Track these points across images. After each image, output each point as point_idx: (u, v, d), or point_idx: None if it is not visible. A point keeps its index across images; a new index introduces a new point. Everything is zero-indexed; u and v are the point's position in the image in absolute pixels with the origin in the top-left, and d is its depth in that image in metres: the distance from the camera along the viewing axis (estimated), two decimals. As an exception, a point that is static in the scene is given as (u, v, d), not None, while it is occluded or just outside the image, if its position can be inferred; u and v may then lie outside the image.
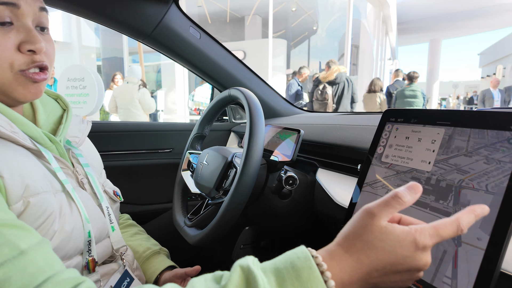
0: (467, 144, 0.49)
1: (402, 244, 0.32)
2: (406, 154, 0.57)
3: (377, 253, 0.33)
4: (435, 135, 0.54)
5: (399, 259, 0.32)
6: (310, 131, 0.93)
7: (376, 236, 0.33)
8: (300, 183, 0.83)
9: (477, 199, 0.44)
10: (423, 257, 0.33)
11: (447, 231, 0.34)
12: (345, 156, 0.79)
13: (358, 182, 0.62)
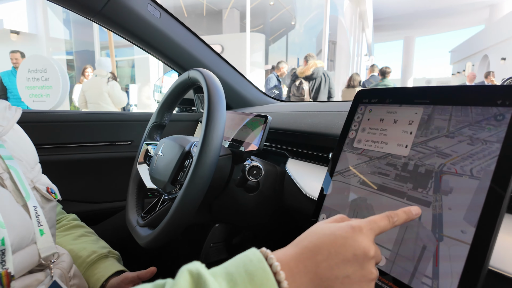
0: (449, 124, 0.43)
1: (340, 227, 0.33)
2: (381, 138, 0.51)
3: (318, 237, 0.33)
4: (413, 115, 0.48)
5: (339, 239, 0.32)
6: (280, 119, 0.86)
7: (317, 227, 0.35)
8: (268, 175, 0.76)
9: (461, 185, 0.38)
10: (362, 238, 0.32)
11: (381, 219, 0.35)
12: (316, 144, 0.72)
13: (330, 169, 0.56)
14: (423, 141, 0.45)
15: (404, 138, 0.47)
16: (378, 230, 0.34)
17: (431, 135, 0.44)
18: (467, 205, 0.37)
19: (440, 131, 0.43)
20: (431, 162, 0.43)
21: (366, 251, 0.32)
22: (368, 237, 0.33)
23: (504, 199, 0.34)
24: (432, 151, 0.43)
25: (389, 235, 0.43)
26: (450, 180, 0.40)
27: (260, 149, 0.68)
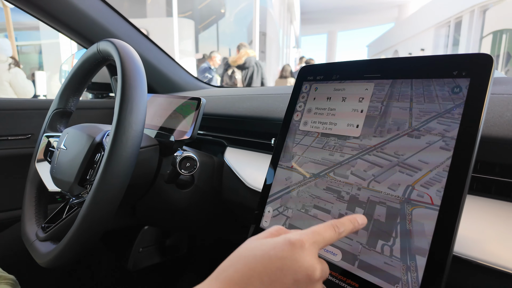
0: (398, 97, 0.39)
1: (275, 245, 0.26)
2: (329, 118, 0.45)
3: (247, 262, 0.25)
4: (363, 91, 0.43)
5: (274, 262, 0.25)
6: (215, 103, 0.77)
7: (246, 247, 0.27)
8: (204, 167, 0.67)
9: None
10: (304, 257, 0.26)
11: (325, 229, 0.29)
12: (257, 130, 0.65)
13: (272, 159, 0.49)
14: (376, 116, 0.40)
15: (355, 117, 0.43)
16: (322, 243, 0.29)
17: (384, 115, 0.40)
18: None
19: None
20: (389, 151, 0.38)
21: (310, 274, 0.26)
22: (311, 253, 0.27)
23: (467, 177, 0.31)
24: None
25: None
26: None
27: (193, 138, 0.58)
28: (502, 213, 0.37)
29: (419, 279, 0.31)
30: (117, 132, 0.43)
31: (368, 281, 0.35)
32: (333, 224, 0.30)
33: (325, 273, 0.29)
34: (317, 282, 0.26)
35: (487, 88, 0.32)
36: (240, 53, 4.09)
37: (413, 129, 0.37)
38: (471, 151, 0.31)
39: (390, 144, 0.38)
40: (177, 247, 1.07)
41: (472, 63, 0.34)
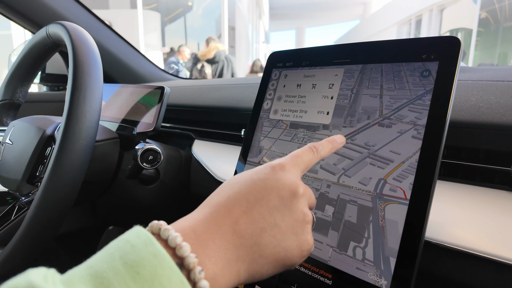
0: (370, 83, 0.38)
1: (257, 171, 0.27)
2: (299, 106, 0.44)
3: (232, 187, 0.26)
4: (333, 77, 0.42)
5: (258, 183, 0.26)
6: (182, 94, 0.73)
7: (230, 179, 0.28)
8: (170, 161, 0.63)
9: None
10: (286, 176, 0.27)
11: (304, 152, 0.30)
12: (226, 121, 0.63)
13: (242, 151, 0.47)
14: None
15: (325, 104, 0.42)
16: (303, 165, 0.29)
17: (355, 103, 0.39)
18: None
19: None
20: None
21: (293, 189, 0.26)
22: (293, 173, 0.27)
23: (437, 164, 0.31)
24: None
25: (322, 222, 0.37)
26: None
27: (157, 130, 0.55)
28: (469, 197, 0.37)
29: (391, 274, 0.31)
30: (68, 123, 0.39)
31: (341, 270, 0.34)
32: (311, 146, 0.31)
33: (310, 195, 0.29)
34: (301, 197, 0.27)
35: (455, 71, 0.32)
36: (209, 46, 4.01)
37: (384, 117, 0.36)
38: (441, 136, 0.31)
39: (361, 134, 0.37)
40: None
41: (440, 46, 0.34)
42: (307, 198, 0.28)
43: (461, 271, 0.34)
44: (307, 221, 0.27)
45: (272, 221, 0.25)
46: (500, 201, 0.35)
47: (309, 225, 0.27)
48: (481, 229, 0.34)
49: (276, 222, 0.25)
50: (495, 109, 0.37)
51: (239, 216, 0.24)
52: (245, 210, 0.24)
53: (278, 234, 0.25)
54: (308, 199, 0.28)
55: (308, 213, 0.27)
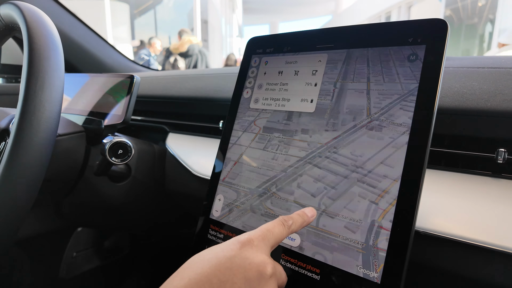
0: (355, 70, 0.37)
1: (224, 247, 0.26)
2: (281, 94, 0.42)
3: (195, 269, 0.24)
4: (316, 63, 0.40)
5: (223, 262, 0.24)
6: (154, 85, 0.69)
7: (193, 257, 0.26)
8: (143, 156, 0.59)
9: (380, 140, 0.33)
10: (253, 254, 0.25)
11: (274, 226, 0.29)
12: (203, 113, 0.59)
13: (221, 143, 0.44)
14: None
15: (309, 91, 0.40)
16: (273, 240, 0.28)
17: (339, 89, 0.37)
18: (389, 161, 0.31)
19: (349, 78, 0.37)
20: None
21: (261, 270, 0.24)
22: (262, 250, 0.26)
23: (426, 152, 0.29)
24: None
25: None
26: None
27: (126, 122, 0.50)
28: (454, 184, 0.37)
29: (382, 263, 0.30)
30: (24, 114, 0.34)
31: (330, 265, 0.32)
32: (281, 220, 0.30)
33: (280, 273, 0.28)
34: (270, 279, 0.25)
35: (443, 54, 0.31)
36: (182, 39, 3.90)
37: (372, 119, 0.33)
38: (430, 122, 0.30)
39: (346, 140, 0.34)
40: (118, 248, 0.97)
41: (427, 29, 0.33)
42: (276, 278, 0.26)
43: (449, 259, 0.34)
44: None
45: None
46: (484, 187, 0.35)
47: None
48: (467, 217, 0.34)
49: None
50: (479, 95, 0.37)
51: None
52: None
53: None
54: (277, 278, 0.27)
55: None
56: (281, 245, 0.35)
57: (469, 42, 7.07)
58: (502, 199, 0.34)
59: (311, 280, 0.33)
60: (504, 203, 0.33)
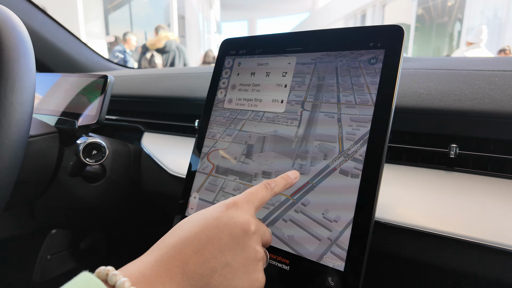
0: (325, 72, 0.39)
1: (211, 209, 0.28)
2: (254, 95, 0.43)
3: (184, 228, 0.26)
4: (286, 65, 0.42)
5: (210, 221, 0.26)
6: (129, 84, 0.69)
7: (184, 219, 0.28)
8: (118, 156, 0.59)
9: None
10: (238, 213, 0.27)
11: (258, 189, 0.31)
12: (178, 112, 0.60)
13: (197, 142, 0.45)
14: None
15: (279, 92, 0.41)
16: (257, 202, 0.30)
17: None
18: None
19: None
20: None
21: (245, 227, 0.27)
22: (246, 211, 0.28)
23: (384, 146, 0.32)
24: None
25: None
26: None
27: (101, 122, 0.51)
28: (412, 178, 0.40)
29: (345, 252, 0.32)
30: (-8, 116, 0.34)
31: (299, 256, 0.34)
32: (265, 183, 0.31)
33: (265, 232, 0.30)
34: (253, 235, 0.27)
35: (400, 57, 0.33)
36: (159, 35, 3.83)
37: (347, 157, 0.34)
38: (388, 119, 0.32)
39: (316, 190, 0.34)
40: (94, 249, 0.96)
41: (385, 34, 0.35)
42: (260, 235, 0.28)
43: (407, 246, 0.37)
44: (258, 259, 0.27)
45: (223, 261, 0.25)
46: (439, 180, 0.38)
47: (261, 263, 0.28)
48: (423, 207, 0.37)
49: (228, 262, 0.25)
50: (434, 95, 0.40)
51: (190, 257, 0.24)
52: (196, 250, 0.24)
53: (229, 273, 0.25)
54: (261, 236, 0.29)
55: (260, 251, 0.27)
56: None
57: (439, 40, 7.36)
58: (455, 190, 0.37)
59: (282, 270, 0.35)
60: (456, 194, 0.37)
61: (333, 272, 0.32)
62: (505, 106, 0.35)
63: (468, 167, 0.39)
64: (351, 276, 0.31)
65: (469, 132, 0.38)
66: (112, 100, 0.69)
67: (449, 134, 0.39)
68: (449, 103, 0.38)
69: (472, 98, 0.38)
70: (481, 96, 0.37)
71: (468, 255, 0.34)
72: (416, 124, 0.40)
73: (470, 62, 0.45)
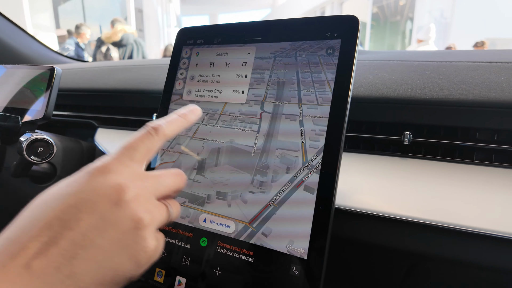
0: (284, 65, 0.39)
1: (72, 182, 0.22)
2: (214, 86, 0.42)
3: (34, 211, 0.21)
4: (245, 55, 0.41)
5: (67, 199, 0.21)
6: (80, 77, 0.64)
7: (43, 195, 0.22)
8: (70, 154, 0.55)
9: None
10: (106, 181, 0.21)
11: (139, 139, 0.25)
12: (134, 106, 0.57)
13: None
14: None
15: (240, 83, 0.41)
16: (139, 155, 0.24)
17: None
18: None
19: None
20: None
21: (114, 198, 0.21)
22: (120, 173, 0.22)
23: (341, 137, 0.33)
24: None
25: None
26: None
27: (48, 117, 0.47)
28: (370, 165, 0.41)
29: (307, 240, 0.32)
30: None
31: (263, 247, 0.34)
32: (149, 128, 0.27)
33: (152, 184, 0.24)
34: (130, 202, 0.21)
35: (355, 46, 0.34)
36: (115, 28, 3.64)
37: (312, 169, 0.33)
38: (345, 108, 0.33)
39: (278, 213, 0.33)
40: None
41: (341, 24, 0.36)
42: (144, 196, 0.23)
43: (367, 231, 0.38)
44: (140, 227, 0.21)
45: (88, 243, 0.20)
46: (394, 166, 0.40)
47: (146, 230, 0.22)
48: (380, 193, 0.38)
49: (94, 243, 0.20)
50: (388, 85, 0.41)
51: (38, 251, 0.19)
52: (47, 240, 0.19)
53: (99, 255, 0.20)
54: (151, 192, 0.23)
55: (143, 217, 0.22)
56: (216, 233, 0.36)
57: (393, 38, 7.78)
58: (409, 175, 0.39)
59: (246, 263, 0.35)
60: (410, 179, 0.39)
61: (296, 261, 0.32)
62: (451, 94, 0.38)
63: (421, 153, 0.41)
64: (314, 263, 0.32)
65: (421, 119, 0.40)
66: (62, 95, 0.64)
67: (403, 122, 0.41)
68: (402, 92, 0.40)
69: (422, 87, 0.39)
70: (431, 85, 0.39)
71: (423, 236, 0.36)
72: (372, 113, 0.42)
73: (420, 54, 0.47)
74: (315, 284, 0.31)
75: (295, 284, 0.32)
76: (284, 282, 0.33)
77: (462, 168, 0.38)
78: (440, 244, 0.36)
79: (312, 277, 0.32)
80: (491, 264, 0.34)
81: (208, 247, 0.37)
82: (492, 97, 0.36)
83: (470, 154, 0.39)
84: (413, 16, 6.78)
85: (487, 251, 0.33)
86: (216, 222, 0.37)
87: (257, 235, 0.34)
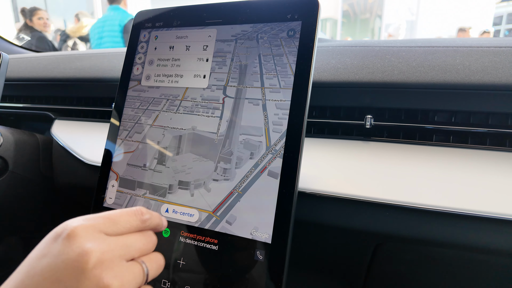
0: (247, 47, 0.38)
1: (39, 247, 0.23)
2: (174, 70, 0.41)
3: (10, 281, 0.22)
4: (206, 38, 0.40)
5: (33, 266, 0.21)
6: (34, 66, 0.60)
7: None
8: (23, 148, 0.51)
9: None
10: (71, 245, 0.22)
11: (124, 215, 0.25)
12: (92, 95, 0.54)
13: (111, 124, 0.41)
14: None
15: (201, 67, 0.39)
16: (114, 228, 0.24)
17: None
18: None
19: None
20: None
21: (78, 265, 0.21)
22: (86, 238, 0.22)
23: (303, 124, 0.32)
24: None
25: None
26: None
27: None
28: (334, 149, 0.41)
29: (272, 225, 0.32)
30: None
31: (227, 234, 0.33)
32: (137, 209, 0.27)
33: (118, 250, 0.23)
34: (94, 269, 0.21)
35: (316, 28, 0.34)
36: (81, 22, 3.49)
37: (276, 155, 0.32)
38: (306, 91, 0.32)
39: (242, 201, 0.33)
40: (8, 257, 0.84)
41: (302, 6, 0.35)
42: (112, 261, 0.22)
43: (332, 213, 0.38)
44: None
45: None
46: (357, 150, 0.40)
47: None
48: (343, 176, 0.38)
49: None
50: (350, 69, 0.41)
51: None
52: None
53: None
54: (120, 255, 0.23)
55: (110, 283, 0.21)
56: (180, 222, 0.35)
57: (363, 35, 7.98)
58: (371, 158, 0.39)
59: (211, 251, 0.34)
60: (372, 161, 0.39)
61: (261, 246, 0.32)
62: (410, 77, 0.38)
63: (383, 136, 0.41)
64: (278, 247, 0.31)
65: (382, 103, 0.40)
66: (14, 85, 0.60)
67: (365, 106, 0.41)
68: (363, 75, 0.40)
69: (383, 70, 0.40)
70: (391, 68, 0.40)
71: (385, 216, 0.36)
72: (335, 98, 0.42)
73: (382, 41, 0.48)
74: (280, 268, 0.31)
75: (260, 269, 0.32)
76: (249, 267, 0.32)
77: (422, 149, 0.39)
78: (403, 223, 0.36)
79: (276, 261, 0.31)
80: (452, 240, 0.35)
81: (171, 238, 0.35)
82: (448, 79, 0.37)
83: (430, 136, 0.40)
84: (382, 14, 6.99)
85: (449, 228, 0.34)
86: (179, 212, 0.36)
87: (221, 224, 0.33)
